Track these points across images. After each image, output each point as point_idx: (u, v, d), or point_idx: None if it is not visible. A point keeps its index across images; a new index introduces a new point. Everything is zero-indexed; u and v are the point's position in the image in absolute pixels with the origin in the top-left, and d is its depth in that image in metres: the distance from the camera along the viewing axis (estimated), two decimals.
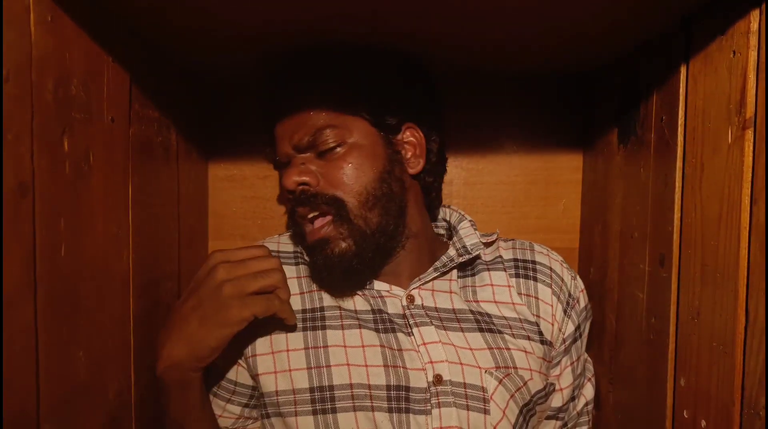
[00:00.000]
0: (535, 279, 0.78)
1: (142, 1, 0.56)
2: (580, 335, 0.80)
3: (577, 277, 0.82)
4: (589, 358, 0.84)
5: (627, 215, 0.79)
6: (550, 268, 0.79)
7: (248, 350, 0.71)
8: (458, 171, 0.99)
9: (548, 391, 0.75)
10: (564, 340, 0.77)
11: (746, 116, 0.52)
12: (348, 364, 0.68)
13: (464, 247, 0.78)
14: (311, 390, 0.67)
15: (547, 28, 0.68)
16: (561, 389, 0.78)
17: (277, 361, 0.69)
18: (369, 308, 0.73)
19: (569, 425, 0.80)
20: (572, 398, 0.80)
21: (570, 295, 0.78)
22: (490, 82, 0.96)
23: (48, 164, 0.48)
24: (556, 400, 0.78)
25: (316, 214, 0.70)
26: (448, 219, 0.86)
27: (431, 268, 0.74)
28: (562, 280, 0.79)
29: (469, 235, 0.80)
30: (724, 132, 0.55)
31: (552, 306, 0.77)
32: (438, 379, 0.68)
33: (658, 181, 0.69)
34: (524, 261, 0.80)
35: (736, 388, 0.53)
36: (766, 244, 0.49)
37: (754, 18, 0.51)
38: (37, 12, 0.46)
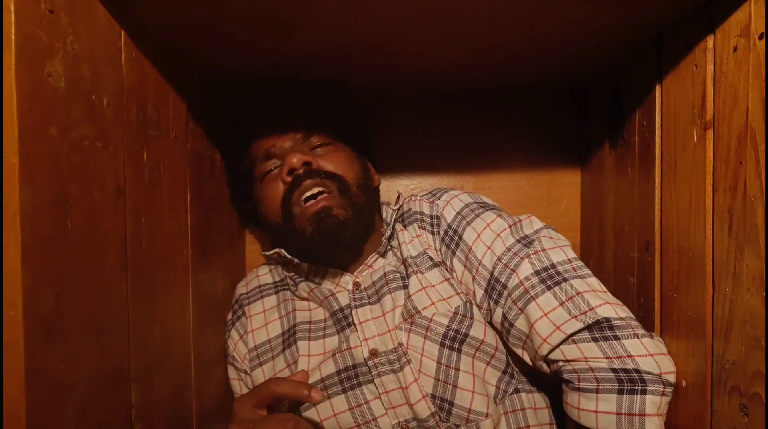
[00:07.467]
0: (404, 225, 0.89)
1: (197, 47, 0.68)
2: (460, 237, 0.81)
3: (442, 197, 0.87)
4: (534, 240, 0.77)
5: (618, 211, 0.89)
6: (411, 210, 0.89)
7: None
8: (468, 177, 1.10)
9: (468, 306, 0.79)
10: (443, 254, 0.84)
11: (707, 119, 0.62)
12: (308, 370, 0.80)
13: (386, 222, 0.90)
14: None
15: (541, 59, 0.79)
16: (472, 291, 0.80)
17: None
18: (328, 315, 0.85)
19: (504, 307, 0.75)
20: (487, 292, 0.77)
21: (432, 217, 0.86)
22: (493, 95, 1.07)
23: (133, 172, 0.60)
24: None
25: (321, 189, 0.80)
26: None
27: (374, 253, 0.87)
28: (421, 212, 0.88)
29: (389, 214, 0.91)
30: (691, 133, 0.65)
31: (421, 236, 0.86)
32: (374, 353, 0.78)
33: (642, 177, 0.79)
34: (401, 214, 0.90)
35: (708, 348, 0.63)
36: (729, 227, 0.59)
37: (710, 38, 0.62)
38: (126, 51, 0.58)
